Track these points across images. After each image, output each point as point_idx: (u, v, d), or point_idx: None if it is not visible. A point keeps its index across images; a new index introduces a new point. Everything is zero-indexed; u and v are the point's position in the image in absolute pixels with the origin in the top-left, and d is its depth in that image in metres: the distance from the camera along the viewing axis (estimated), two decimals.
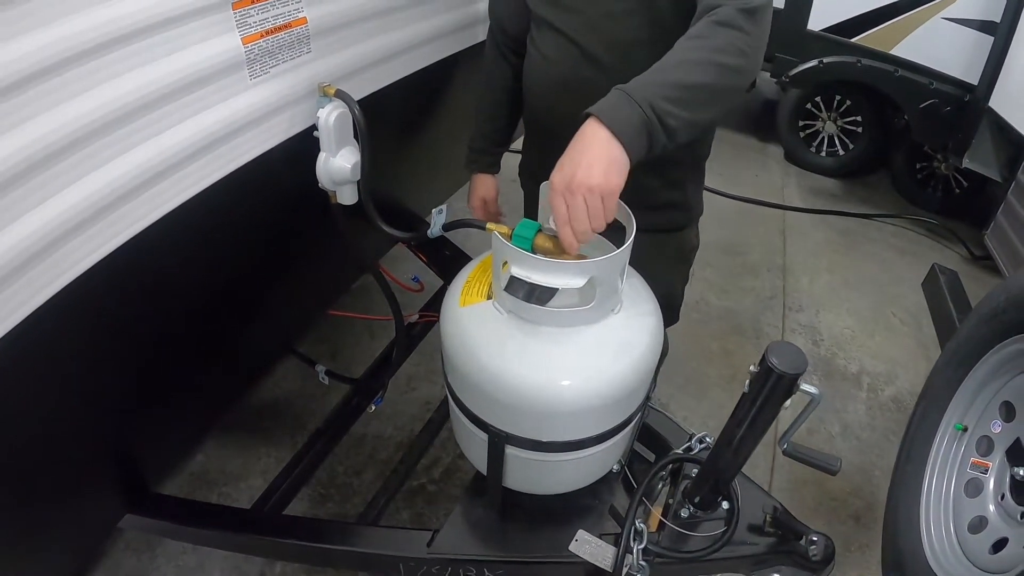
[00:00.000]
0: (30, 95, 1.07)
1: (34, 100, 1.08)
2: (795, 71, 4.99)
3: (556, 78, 1.75)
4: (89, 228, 1.25)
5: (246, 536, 1.94)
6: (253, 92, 1.52)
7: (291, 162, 1.67)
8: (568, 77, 1.71)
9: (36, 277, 1.17)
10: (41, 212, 1.15)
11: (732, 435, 1.47)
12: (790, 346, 1.31)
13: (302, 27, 1.57)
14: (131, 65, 1.23)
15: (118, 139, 1.25)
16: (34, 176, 1.11)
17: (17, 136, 1.07)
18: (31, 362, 1.25)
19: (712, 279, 4.09)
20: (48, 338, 1.25)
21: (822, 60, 4.88)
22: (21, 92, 1.06)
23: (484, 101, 2.04)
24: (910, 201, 5.34)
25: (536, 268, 1.26)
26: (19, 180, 1.09)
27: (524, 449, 1.47)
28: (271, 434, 2.93)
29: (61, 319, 1.24)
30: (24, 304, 1.17)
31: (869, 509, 2.84)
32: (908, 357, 3.72)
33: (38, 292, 1.19)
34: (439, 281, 2.81)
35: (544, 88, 1.81)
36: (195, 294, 1.70)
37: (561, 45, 1.70)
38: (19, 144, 1.07)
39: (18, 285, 1.14)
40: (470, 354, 1.37)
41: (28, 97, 1.07)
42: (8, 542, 1.53)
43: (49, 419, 1.40)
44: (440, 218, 1.62)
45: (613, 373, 1.36)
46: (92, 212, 1.24)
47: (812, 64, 4.92)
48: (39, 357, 1.27)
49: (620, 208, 1.33)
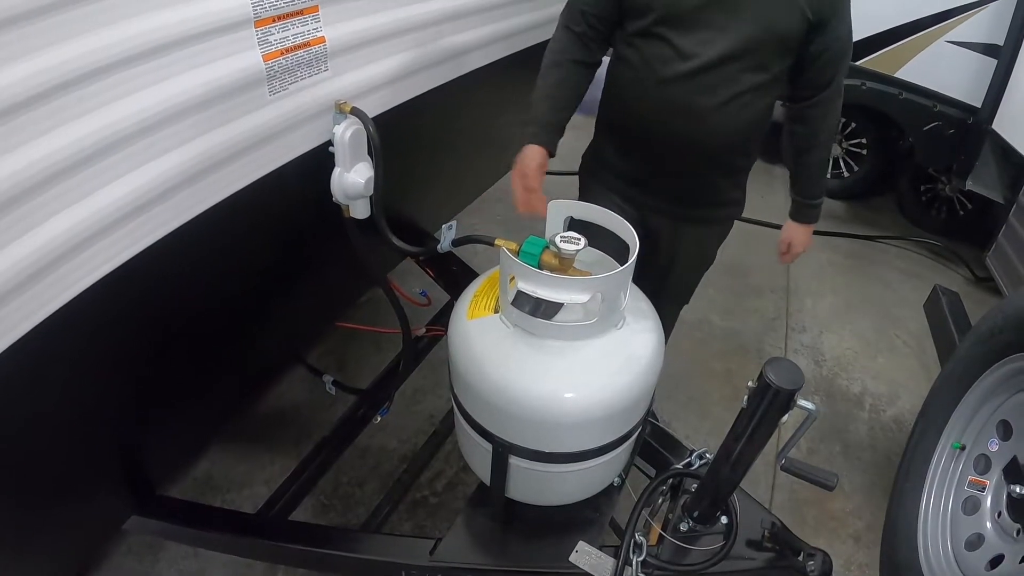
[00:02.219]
0: (57, 104, 1.10)
1: (61, 110, 1.11)
2: None
3: (664, 98, 1.97)
4: (110, 235, 1.27)
5: (250, 540, 1.96)
6: (272, 108, 1.55)
7: (305, 176, 1.70)
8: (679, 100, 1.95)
9: (54, 282, 1.20)
10: (67, 216, 1.18)
11: (731, 450, 1.49)
12: (787, 362, 1.34)
13: (321, 46, 1.61)
14: (157, 78, 1.26)
15: (141, 149, 1.28)
16: (57, 184, 1.14)
17: (46, 144, 1.10)
18: (44, 366, 1.28)
19: (716, 299, 4.10)
20: (61, 343, 1.27)
21: None
22: (50, 101, 1.09)
23: (564, 79, 2.06)
24: (914, 223, 5.35)
25: (542, 283, 1.29)
26: (43, 187, 1.12)
27: (527, 460, 1.50)
28: (276, 443, 2.94)
29: (75, 325, 1.26)
30: (42, 308, 1.19)
31: (869, 529, 2.84)
32: (910, 378, 3.73)
33: (55, 297, 1.21)
34: (446, 296, 2.84)
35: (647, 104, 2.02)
36: (207, 302, 1.72)
37: (676, 67, 1.92)
38: (47, 151, 1.10)
39: (37, 289, 1.17)
40: (477, 366, 1.41)
41: (55, 107, 1.10)
42: (14, 540, 1.55)
43: (60, 421, 1.43)
44: (450, 233, 1.66)
45: (616, 387, 1.40)
46: (113, 220, 1.26)
47: None
48: (52, 361, 1.29)
49: (624, 229, 1.37)
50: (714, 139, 2.01)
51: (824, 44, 1.94)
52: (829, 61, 1.98)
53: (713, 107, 1.94)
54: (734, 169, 2.21)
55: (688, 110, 1.95)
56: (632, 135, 2.15)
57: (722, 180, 2.21)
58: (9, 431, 1.29)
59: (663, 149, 2.08)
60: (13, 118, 1.04)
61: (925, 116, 4.57)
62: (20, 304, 1.14)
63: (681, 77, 1.91)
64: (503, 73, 2.44)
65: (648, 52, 1.96)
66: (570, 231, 1.41)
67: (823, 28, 1.90)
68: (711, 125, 1.97)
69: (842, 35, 1.97)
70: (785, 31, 1.87)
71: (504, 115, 2.85)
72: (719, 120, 1.96)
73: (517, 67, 2.50)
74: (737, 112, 1.96)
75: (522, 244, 1.39)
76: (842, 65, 2.03)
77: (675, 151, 2.06)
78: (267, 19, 1.44)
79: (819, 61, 1.97)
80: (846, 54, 2.03)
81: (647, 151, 2.13)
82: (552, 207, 1.57)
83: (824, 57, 1.96)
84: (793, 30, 1.87)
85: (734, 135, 2.03)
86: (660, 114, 2.00)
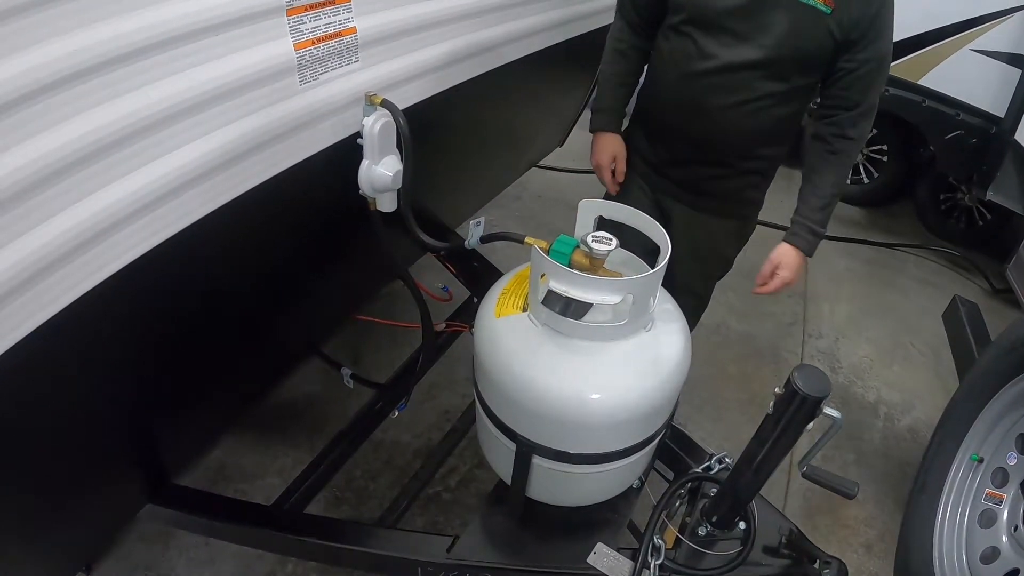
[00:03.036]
0: (88, 87, 1.09)
1: (91, 92, 1.10)
2: None
3: (685, 93, 2.09)
4: (136, 221, 1.26)
5: (266, 532, 1.96)
6: (302, 98, 1.54)
7: (330, 168, 1.69)
8: (697, 97, 2.06)
9: (81, 266, 1.19)
10: (96, 200, 1.17)
11: (754, 455, 1.48)
12: (815, 370, 1.33)
13: (352, 36, 1.60)
14: (189, 64, 1.25)
15: (171, 135, 1.27)
16: (87, 167, 1.13)
17: (78, 125, 1.09)
18: (65, 355, 1.27)
19: (733, 303, 4.08)
20: (83, 331, 1.26)
21: None
22: (81, 83, 1.08)
23: (617, 71, 2.33)
24: (932, 232, 5.33)
25: (574, 283, 1.28)
26: (75, 168, 1.11)
27: (550, 460, 1.49)
28: (289, 434, 2.95)
29: (99, 311, 1.25)
30: (67, 292, 1.18)
31: (881, 539, 2.83)
32: (925, 388, 3.72)
33: (80, 283, 1.20)
34: (467, 292, 2.84)
35: (671, 97, 2.15)
36: (230, 292, 1.72)
37: (697, 64, 2.02)
38: (80, 133, 1.09)
39: (65, 271, 1.16)
40: (503, 363, 1.40)
41: (89, 88, 1.09)
42: (31, 528, 1.55)
43: (80, 409, 1.42)
44: (478, 230, 1.64)
45: (642, 389, 1.39)
46: (141, 206, 1.25)
47: None
48: (73, 349, 1.28)
49: (656, 230, 1.36)
50: (725, 138, 2.12)
51: (853, 64, 1.94)
52: (855, 82, 1.97)
53: (725, 107, 2.03)
54: (748, 170, 2.24)
55: (701, 107, 2.06)
56: (655, 122, 2.30)
57: (736, 179, 2.25)
58: (30, 419, 1.28)
59: (679, 140, 2.21)
60: (48, 97, 1.04)
61: (948, 124, 4.54)
62: (49, 286, 1.14)
63: (699, 75, 2.02)
64: (530, 69, 2.43)
65: (676, 47, 2.08)
66: (600, 231, 1.39)
67: (851, 48, 1.91)
68: (721, 124, 2.07)
69: (873, 58, 1.94)
70: (807, 48, 1.91)
71: (528, 111, 2.85)
72: (730, 121, 2.05)
73: (543, 63, 2.50)
74: (749, 116, 2.03)
75: (552, 243, 1.38)
76: (870, 90, 2.00)
77: (689, 143, 2.19)
78: (300, 7, 1.43)
79: (845, 80, 1.98)
80: (875, 79, 1.99)
81: (666, 139, 2.26)
82: (582, 206, 1.56)
83: (850, 77, 1.96)
84: (816, 48, 1.91)
85: (745, 137, 2.12)
86: (678, 107, 2.13)
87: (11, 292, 1.07)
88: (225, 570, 2.45)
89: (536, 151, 3.38)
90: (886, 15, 1.92)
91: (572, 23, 2.56)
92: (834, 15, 1.84)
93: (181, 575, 2.43)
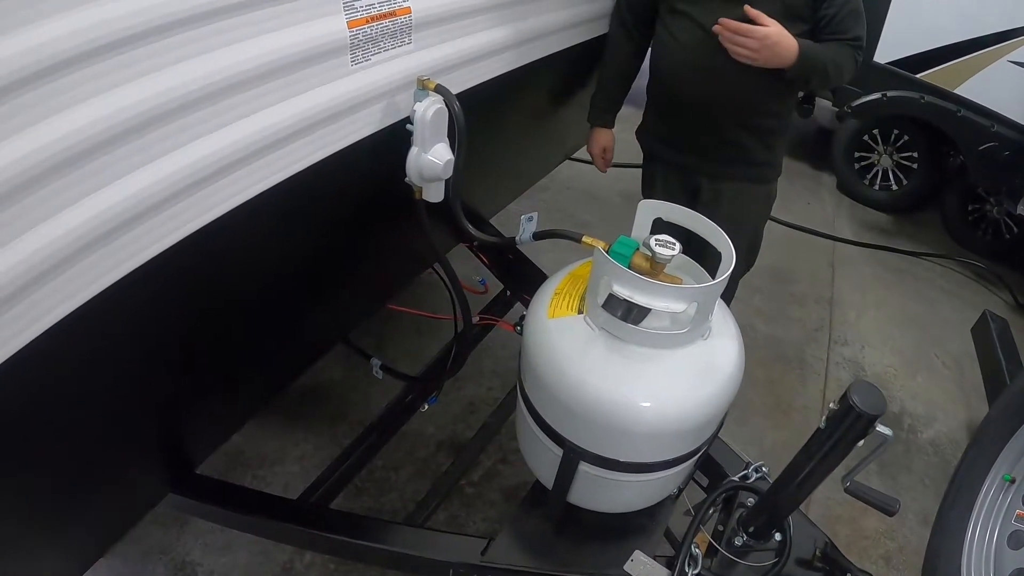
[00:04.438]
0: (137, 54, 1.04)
1: (139, 60, 1.05)
2: (857, 102, 4.90)
3: (685, 61, 2.24)
4: (177, 203, 1.21)
5: (292, 527, 1.92)
6: (353, 79, 1.49)
7: (376, 154, 1.64)
8: (697, 62, 2.21)
9: (119, 248, 1.14)
10: (136, 179, 1.12)
11: (799, 469, 1.46)
12: (872, 387, 1.31)
13: (406, 16, 1.55)
14: (236, 38, 1.20)
15: (220, 111, 1.22)
16: (133, 140, 1.08)
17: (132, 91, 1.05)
18: (95, 342, 1.22)
19: (760, 306, 4.05)
20: (117, 316, 1.21)
21: (885, 93, 4.79)
22: (130, 49, 1.03)
23: (609, 69, 2.58)
24: (958, 242, 5.26)
25: (640, 288, 1.25)
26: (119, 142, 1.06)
27: (597, 467, 1.46)
28: (310, 421, 2.93)
29: (132, 297, 1.20)
30: (101, 277, 1.13)
31: (900, 551, 2.80)
32: (949, 401, 3.68)
33: (118, 265, 1.15)
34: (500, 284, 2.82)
35: (673, 68, 2.30)
36: (267, 278, 1.67)
37: (695, 34, 2.17)
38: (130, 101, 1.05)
39: (101, 254, 1.11)
40: (557, 367, 1.37)
41: (133, 56, 1.04)
42: (54, 517, 1.52)
43: (109, 398, 1.38)
44: (530, 226, 1.61)
45: (698, 399, 1.36)
46: (188, 183, 1.20)
47: (875, 96, 4.83)
48: (104, 336, 1.23)
49: (719, 237, 1.33)
50: (732, 96, 2.25)
51: (832, 7, 2.11)
52: (841, 22, 2.12)
53: (724, 67, 2.13)
54: (759, 129, 2.37)
55: (706, 69, 2.20)
56: (665, 99, 2.46)
57: (748, 138, 2.37)
58: (58, 407, 1.24)
59: (689, 107, 2.34)
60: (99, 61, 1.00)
61: (982, 135, 4.49)
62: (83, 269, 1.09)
63: (698, 41, 2.17)
64: (570, 60, 2.41)
65: (673, 26, 2.25)
66: (663, 235, 1.36)
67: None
68: (727, 83, 2.20)
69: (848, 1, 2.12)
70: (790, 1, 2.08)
71: (566, 103, 2.81)
72: (731, 80, 2.18)
73: (583, 55, 2.49)
74: (748, 71, 2.11)
75: (612, 244, 1.35)
76: (857, 24, 2.16)
77: (699, 109, 2.31)
78: None
79: (832, 24, 2.13)
80: (856, 18, 2.15)
81: (677, 111, 2.40)
82: (641, 207, 1.52)
83: (836, 19, 2.12)
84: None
85: (751, 93, 2.24)
86: (683, 75, 2.28)
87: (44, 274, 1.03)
88: (242, 557, 2.42)
89: (571, 143, 3.34)
90: None
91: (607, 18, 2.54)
92: None
93: (196, 560, 2.41)
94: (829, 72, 2.15)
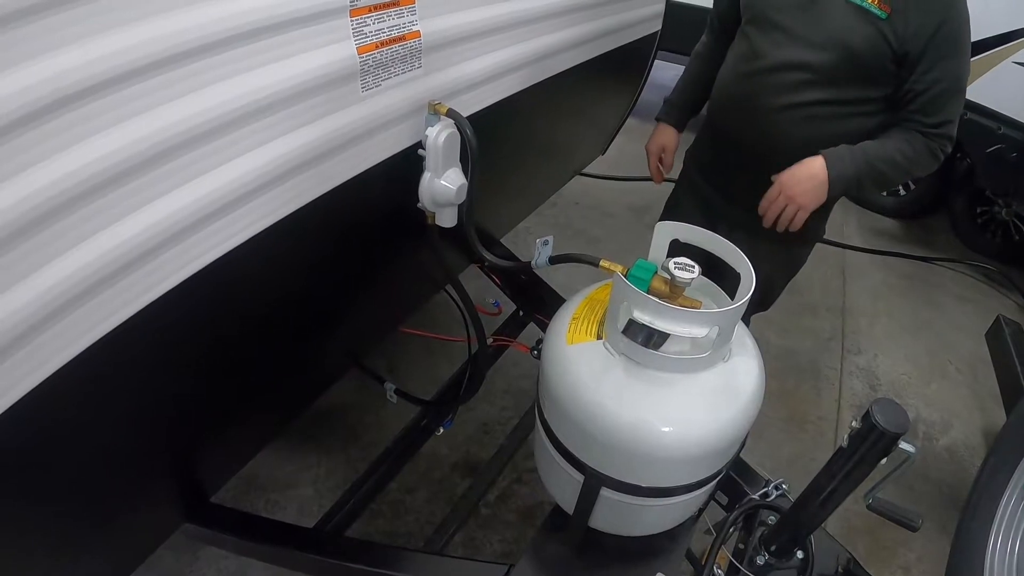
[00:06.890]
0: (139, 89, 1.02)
1: (139, 97, 1.02)
2: None
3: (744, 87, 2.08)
4: (188, 238, 1.19)
5: (310, 556, 1.90)
6: (364, 106, 1.47)
7: (388, 180, 1.62)
8: (746, 95, 2.06)
9: (130, 285, 1.12)
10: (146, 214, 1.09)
11: (822, 487, 1.46)
12: (894, 404, 1.30)
13: (416, 40, 1.53)
14: (246, 67, 1.18)
15: (228, 144, 1.20)
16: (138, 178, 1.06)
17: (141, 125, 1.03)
18: (109, 376, 1.20)
19: (772, 317, 3.99)
20: (131, 349, 1.19)
21: None
22: (138, 82, 1.01)
23: (687, 70, 2.47)
24: (968, 245, 5.25)
25: (660, 314, 1.24)
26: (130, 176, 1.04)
27: (618, 492, 1.45)
28: (323, 444, 2.92)
29: (146, 331, 1.18)
30: (112, 315, 1.12)
31: (919, 560, 2.78)
32: (963, 407, 3.66)
33: (127, 304, 1.13)
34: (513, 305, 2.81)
35: (719, 95, 2.21)
36: (281, 308, 1.66)
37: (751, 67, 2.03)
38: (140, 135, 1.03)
39: (122, 285, 1.10)
40: (578, 394, 1.35)
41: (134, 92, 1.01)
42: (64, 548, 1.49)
43: (121, 430, 1.36)
44: (546, 250, 1.59)
45: (720, 422, 1.35)
46: (195, 220, 1.18)
47: None
48: (119, 369, 1.22)
49: (738, 258, 1.32)
50: (773, 144, 2.03)
51: (921, 84, 1.85)
52: (926, 104, 1.87)
53: (772, 110, 2.00)
54: None
55: (750, 108, 2.05)
56: (713, 127, 2.32)
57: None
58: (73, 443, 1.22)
59: (731, 144, 2.19)
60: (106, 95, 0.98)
61: (989, 138, 4.47)
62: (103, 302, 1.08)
63: (750, 75, 2.03)
64: (580, 78, 2.38)
65: (738, 48, 2.12)
66: (682, 257, 1.34)
67: (916, 65, 1.82)
68: (769, 129, 2.02)
69: (943, 79, 1.84)
70: (860, 54, 1.83)
71: (576, 120, 2.81)
72: (777, 126, 2.01)
73: (593, 71, 2.45)
74: (798, 122, 1.97)
75: (630, 268, 1.34)
76: (943, 111, 1.88)
77: (740, 147, 2.15)
78: (364, 8, 1.36)
79: (916, 103, 1.88)
80: (948, 102, 1.88)
81: (720, 144, 2.28)
82: (659, 228, 1.50)
83: (921, 99, 1.87)
84: (869, 53, 1.82)
85: (794, 147, 1.98)
86: (730, 109, 2.16)
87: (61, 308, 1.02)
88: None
89: (579, 160, 3.33)
90: (954, 30, 1.80)
91: (621, 31, 2.51)
92: (890, 21, 1.77)
93: None
94: (887, 175, 1.94)
